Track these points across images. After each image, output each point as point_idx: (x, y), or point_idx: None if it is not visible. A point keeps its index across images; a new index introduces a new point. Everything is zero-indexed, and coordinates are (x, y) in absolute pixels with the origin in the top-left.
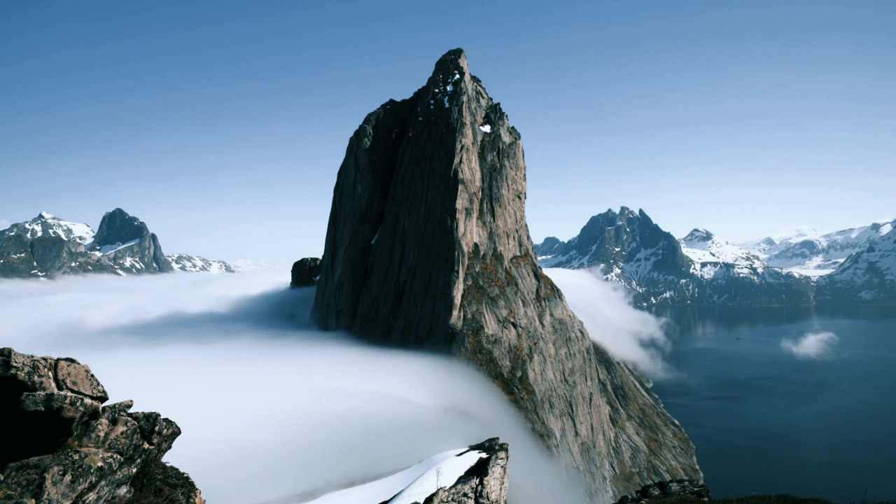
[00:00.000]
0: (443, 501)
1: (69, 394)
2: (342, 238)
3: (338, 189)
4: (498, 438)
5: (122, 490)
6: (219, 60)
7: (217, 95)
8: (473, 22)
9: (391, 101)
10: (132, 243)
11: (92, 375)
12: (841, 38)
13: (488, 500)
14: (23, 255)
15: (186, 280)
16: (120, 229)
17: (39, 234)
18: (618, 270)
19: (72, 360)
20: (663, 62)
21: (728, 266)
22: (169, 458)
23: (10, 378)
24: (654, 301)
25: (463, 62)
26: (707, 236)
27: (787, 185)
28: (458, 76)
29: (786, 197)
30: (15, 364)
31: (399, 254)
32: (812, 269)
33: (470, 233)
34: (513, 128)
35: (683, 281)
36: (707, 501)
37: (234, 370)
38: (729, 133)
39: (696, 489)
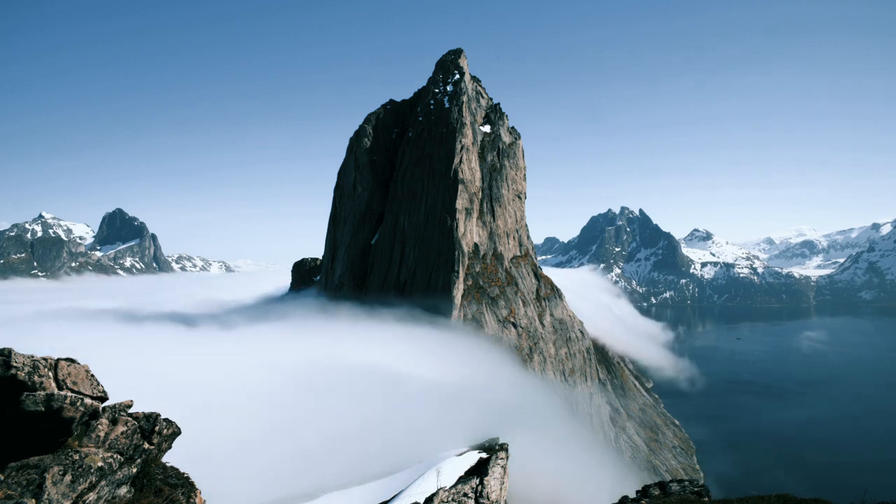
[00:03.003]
0: (443, 501)
1: (69, 394)
2: (342, 238)
3: (338, 189)
4: (498, 438)
5: (123, 490)
6: (219, 60)
7: (217, 95)
8: (473, 22)
9: (391, 101)
10: (132, 243)
11: (92, 375)
12: (841, 38)
13: (488, 500)
14: (23, 255)
15: (188, 280)
16: (120, 229)
17: (39, 234)
18: (618, 270)
19: (72, 360)
20: (663, 62)
21: (728, 266)
22: (169, 458)
23: (11, 378)
24: (654, 301)
25: (463, 62)
26: (707, 236)
27: (787, 185)
28: (458, 76)
29: (786, 197)
30: (15, 364)
31: (399, 254)
32: (812, 269)
33: (470, 233)
34: (513, 128)
35: (683, 281)
36: (707, 501)
37: (235, 364)
38: (729, 133)
39: (696, 489)
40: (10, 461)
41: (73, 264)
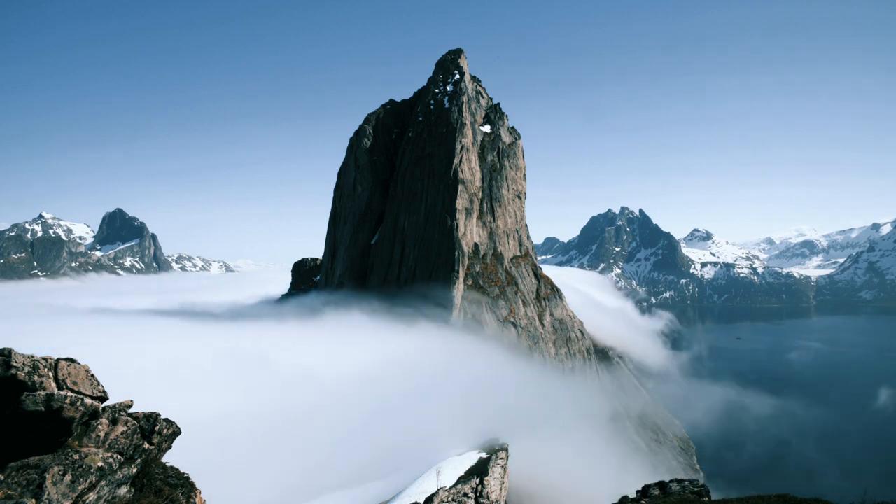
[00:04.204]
0: (443, 501)
1: (69, 394)
2: (342, 238)
3: (338, 189)
4: (498, 438)
5: (123, 490)
6: (219, 60)
7: (217, 95)
8: (473, 22)
9: (391, 101)
10: (132, 243)
11: (92, 375)
12: (841, 38)
13: (488, 500)
14: (23, 255)
15: (188, 279)
16: (120, 229)
17: (39, 234)
18: (618, 270)
19: (72, 360)
20: (663, 62)
21: (728, 266)
22: (169, 458)
23: (11, 378)
24: (654, 301)
25: (463, 62)
26: (707, 236)
27: (787, 185)
28: (458, 76)
29: (786, 197)
30: (15, 364)
31: (399, 254)
32: (812, 269)
33: (470, 233)
34: (513, 128)
35: (683, 281)
36: (707, 501)
37: (236, 362)
38: (729, 133)
39: (696, 489)
40: (10, 461)
41: (74, 264)
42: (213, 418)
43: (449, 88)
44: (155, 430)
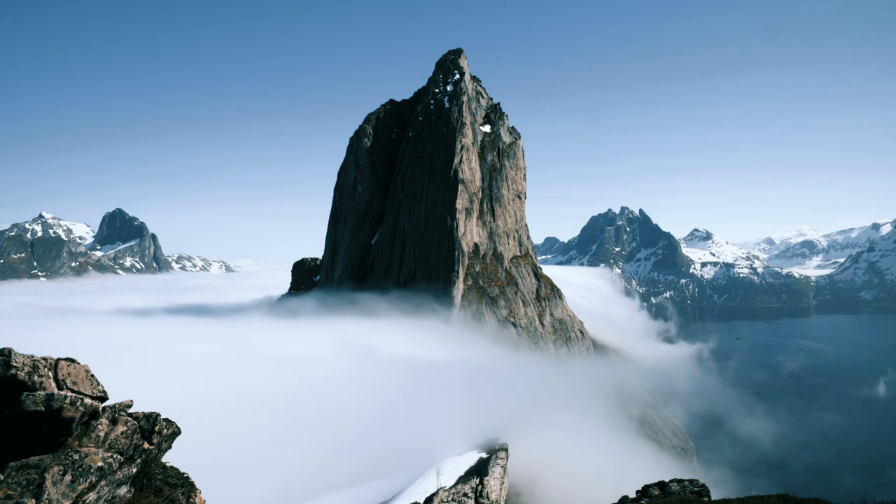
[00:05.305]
0: (443, 501)
1: (69, 394)
2: (342, 238)
3: (338, 189)
4: (498, 438)
5: (123, 490)
6: (219, 61)
7: (217, 95)
8: (473, 23)
9: (391, 101)
10: (132, 243)
11: (92, 375)
12: (841, 38)
13: (488, 499)
14: (23, 255)
15: (189, 279)
16: (120, 229)
17: (39, 234)
18: (618, 270)
19: (72, 360)
20: (663, 63)
21: (728, 266)
22: (169, 458)
23: (11, 378)
24: (654, 301)
25: (463, 62)
26: (707, 236)
27: (787, 185)
28: (458, 76)
29: (786, 197)
30: (15, 364)
31: (399, 254)
32: (812, 269)
33: (470, 233)
34: (513, 128)
35: (683, 281)
36: (707, 501)
37: (236, 361)
38: (729, 133)
39: (696, 489)
40: (10, 461)
41: (73, 264)
42: (214, 418)
43: (449, 88)
44: (155, 430)
